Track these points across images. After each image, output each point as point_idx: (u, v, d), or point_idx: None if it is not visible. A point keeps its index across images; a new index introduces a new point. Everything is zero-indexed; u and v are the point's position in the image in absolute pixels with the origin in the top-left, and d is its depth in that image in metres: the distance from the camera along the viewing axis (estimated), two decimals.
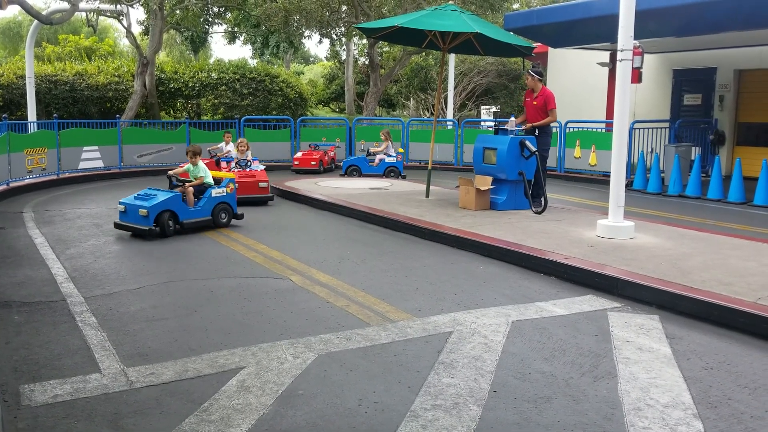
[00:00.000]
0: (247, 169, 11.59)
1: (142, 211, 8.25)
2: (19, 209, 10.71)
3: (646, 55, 10.03)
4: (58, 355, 4.39)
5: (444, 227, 8.42)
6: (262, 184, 11.28)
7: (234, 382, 3.95)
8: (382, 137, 15.50)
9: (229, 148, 14.09)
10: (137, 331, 4.87)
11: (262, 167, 11.83)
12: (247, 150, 12.39)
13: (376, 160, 15.22)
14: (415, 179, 14.41)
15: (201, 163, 9.14)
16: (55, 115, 15.90)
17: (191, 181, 8.96)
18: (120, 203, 8.63)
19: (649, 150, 15.00)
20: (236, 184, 9.71)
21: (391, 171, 15.24)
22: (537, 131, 10.03)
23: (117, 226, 8.65)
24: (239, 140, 12.62)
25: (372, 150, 15.58)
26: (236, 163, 11.78)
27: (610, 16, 10.11)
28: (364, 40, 26.42)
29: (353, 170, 15.33)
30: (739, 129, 16.19)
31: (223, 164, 13.00)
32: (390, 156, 15.34)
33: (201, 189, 9.00)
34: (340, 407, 3.67)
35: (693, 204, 11.87)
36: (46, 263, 6.98)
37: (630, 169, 13.81)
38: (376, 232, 8.99)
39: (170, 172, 9.28)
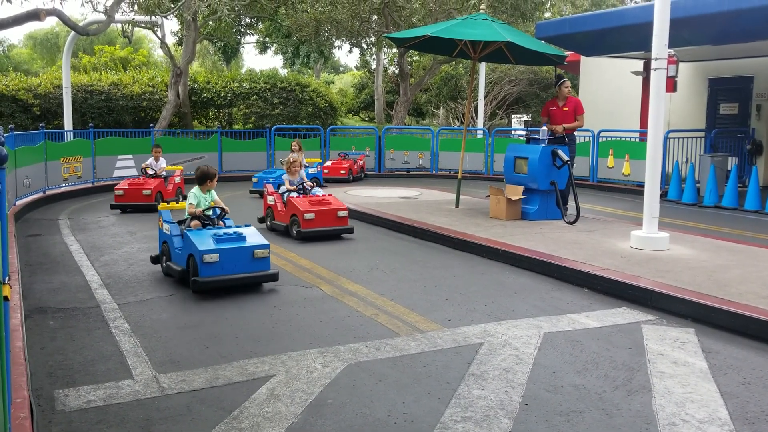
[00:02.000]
0: (313, 195, 9.25)
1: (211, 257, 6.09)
2: (55, 216, 10.92)
3: (681, 64, 9.91)
4: (91, 361, 4.45)
5: (474, 237, 8.37)
6: (341, 213, 8.90)
7: (264, 390, 3.96)
8: (295, 148, 13.60)
9: (161, 164, 12.26)
10: (169, 338, 4.91)
11: (321, 191, 9.60)
12: (301, 168, 9.87)
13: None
14: (444, 188, 14.37)
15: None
16: (90, 124, 16.22)
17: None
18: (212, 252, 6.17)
19: (684, 160, 14.74)
20: (305, 215, 8.56)
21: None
22: (566, 139, 9.97)
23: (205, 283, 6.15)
24: (290, 158, 9.77)
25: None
26: (296, 188, 9.29)
27: (644, 24, 10.00)
28: (394, 50, 26.50)
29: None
30: None
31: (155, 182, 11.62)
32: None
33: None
34: (370, 417, 3.65)
35: (729, 215, 11.63)
36: (81, 270, 7.10)
37: (664, 179, 13.59)
38: (406, 241, 8.97)
39: (198, 211, 6.70)
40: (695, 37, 12.63)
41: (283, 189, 9.38)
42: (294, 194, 9.14)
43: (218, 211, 6.77)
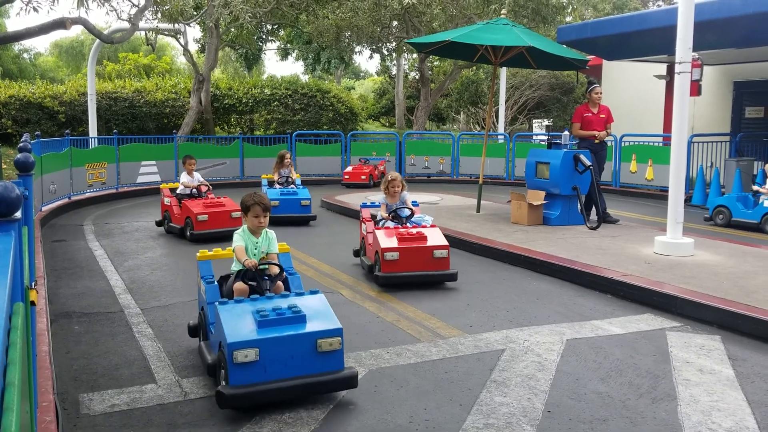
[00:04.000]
0: (410, 225, 7.01)
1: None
2: (79, 222, 11.06)
3: (705, 67, 9.80)
4: (115, 365, 4.50)
5: (495, 242, 8.33)
6: (439, 253, 6.59)
7: None
8: (288, 161, 11.49)
9: (195, 178, 10.08)
10: (191, 343, 4.94)
11: (430, 219, 7.31)
12: (402, 189, 7.31)
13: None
14: (465, 194, 14.33)
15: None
16: (114, 131, 16.42)
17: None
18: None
19: (709, 164, 14.55)
20: (385, 254, 6.49)
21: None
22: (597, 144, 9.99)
23: None
24: (389, 176, 7.30)
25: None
26: (389, 216, 7.11)
27: (668, 28, 9.90)
28: (415, 55, 26.51)
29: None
30: None
31: (190, 201, 9.41)
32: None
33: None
34: (391, 423, 3.64)
35: None
36: (105, 275, 7.18)
37: (689, 184, 13.42)
38: None
39: (250, 263, 4.37)
40: (720, 41, 12.47)
41: (378, 214, 7.28)
42: (390, 223, 7.02)
43: (267, 267, 4.49)
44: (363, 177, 16.12)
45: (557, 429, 3.58)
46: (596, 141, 10.08)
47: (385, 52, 26.38)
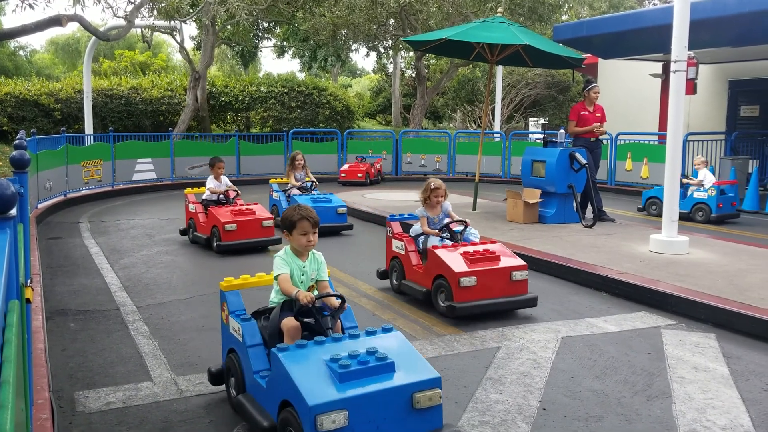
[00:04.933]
0: (468, 241, 6.11)
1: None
2: (75, 219, 11.04)
3: (700, 66, 9.82)
4: (111, 363, 4.50)
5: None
6: (518, 275, 5.66)
7: None
8: (300, 162, 10.49)
9: (223, 183, 9.07)
10: (187, 341, 4.94)
11: (477, 232, 6.43)
12: (444, 199, 6.29)
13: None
14: (461, 192, 14.34)
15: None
16: (110, 128, 16.40)
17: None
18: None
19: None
20: (460, 279, 5.38)
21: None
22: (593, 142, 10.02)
23: None
24: (430, 183, 6.23)
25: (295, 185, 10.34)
26: (438, 233, 6.10)
27: (663, 27, 9.92)
28: (411, 53, 26.52)
29: None
30: None
31: (217, 208, 8.49)
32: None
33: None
34: None
35: (750, 218, 11.48)
36: (101, 272, 7.17)
37: None
38: None
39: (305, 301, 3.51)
40: (715, 39, 12.51)
41: (416, 228, 6.33)
42: (436, 240, 6.04)
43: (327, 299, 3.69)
44: (359, 175, 16.11)
45: (552, 426, 3.59)
46: (593, 138, 10.08)
47: (382, 50, 26.38)
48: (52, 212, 11.56)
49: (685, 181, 11.00)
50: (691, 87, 7.81)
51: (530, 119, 26.89)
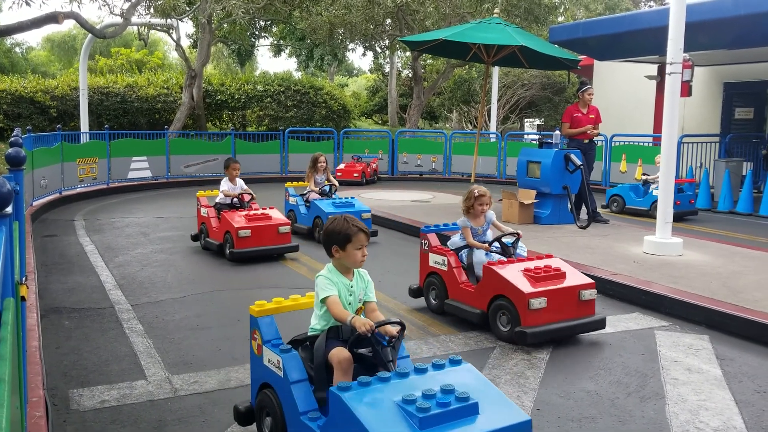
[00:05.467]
0: (518, 256, 5.48)
1: None
2: (70, 217, 11.02)
3: (695, 68, 9.86)
4: (106, 361, 4.49)
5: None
6: (587, 294, 5.04)
7: None
8: (323, 164, 9.61)
9: (238, 186, 8.42)
10: (182, 339, 4.94)
11: (524, 247, 5.83)
12: (488, 207, 5.71)
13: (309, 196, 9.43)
14: (457, 192, 14.35)
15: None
16: (106, 126, 16.35)
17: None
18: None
19: (698, 165, 14.65)
20: (530, 301, 4.76)
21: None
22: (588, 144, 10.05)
23: None
24: (476, 191, 5.61)
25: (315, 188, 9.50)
26: (488, 246, 5.53)
27: (659, 29, 9.95)
28: (408, 53, 26.52)
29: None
30: None
31: (231, 213, 7.87)
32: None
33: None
34: None
35: (744, 221, 11.53)
36: (96, 270, 7.16)
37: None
38: (419, 244, 8.95)
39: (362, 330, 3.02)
40: (711, 42, 12.55)
41: (456, 241, 5.73)
42: (482, 255, 5.47)
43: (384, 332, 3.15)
44: (355, 174, 16.12)
45: (546, 427, 3.61)
46: (586, 140, 10.11)
47: (379, 50, 26.38)
48: (48, 210, 11.54)
49: (645, 178, 11.66)
50: (686, 89, 7.85)
51: (526, 120, 26.94)
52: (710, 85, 16.94)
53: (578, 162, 9.37)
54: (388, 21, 21.38)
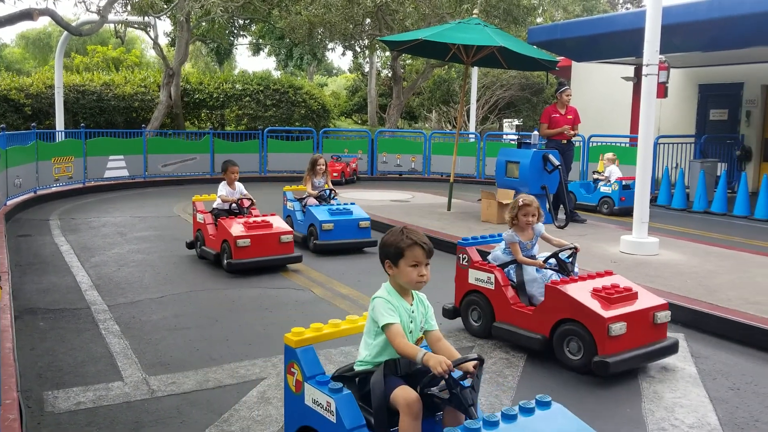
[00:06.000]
0: (574, 274, 4.89)
1: None
2: (45, 217, 10.87)
3: (671, 70, 9.99)
4: (81, 363, 4.44)
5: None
6: (661, 316, 4.56)
7: (254, 393, 3.96)
8: (322, 167, 8.99)
9: (237, 191, 7.84)
10: (159, 340, 4.90)
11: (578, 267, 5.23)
12: (539, 219, 5.19)
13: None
14: (436, 192, 14.40)
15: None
16: (82, 124, 16.16)
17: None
18: None
19: (674, 165, 14.84)
20: (610, 326, 4.22)
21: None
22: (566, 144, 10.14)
23: None
24: (522, 200, 5.12)
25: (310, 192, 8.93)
26: (542, 263, 4.93)
27: (635, 30, 10.07)
28: (387, 53, 26.54)
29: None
30: (765, 145, 15.95)
31: (228, 219, 7.31)
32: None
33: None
34: None
35: (719, 220, 11.70)
36: (71, 271, 7.06)
37: (654, 184, 13.65)
38: None
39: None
40: (686, 44, 12.71)
41: (499, 255, 5.14)
42: (533, 272, 4.92)
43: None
44: (335, 174, 16.07)
45: None
46: (564, 140, 10.21)
47: (358, 50, 26.35)
48: (22, 209, 11.37)
49: (595, 176, 12.38)
50: (662, 90, 7.94)
51: (504, 120, 27.08)
52: (686, 86, 17.17)
53: (556, 162, 9.44)
54: (368, 21, 21.36)
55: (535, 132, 10.12)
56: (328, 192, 8.91)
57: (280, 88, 21.96)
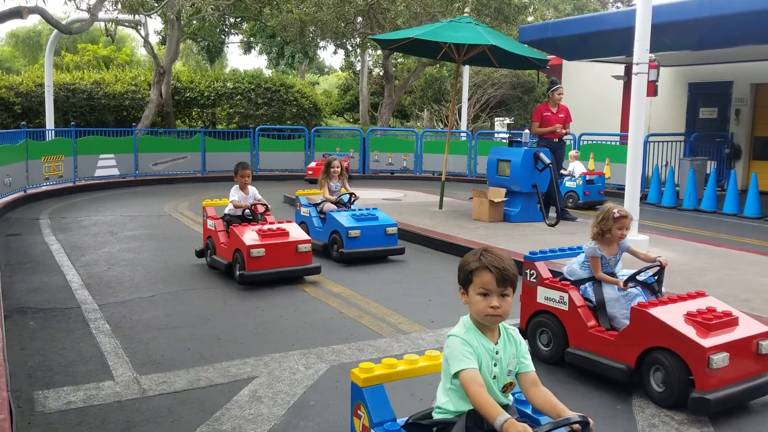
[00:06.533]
0: (662, 295, 4.43)
1: None
2: (35, 216, 10.81)
3: (661, 69, 10.06)
4: (72, 362, 4.42)
5: (457, 239, 8.41)
6: (766, 346, 3.95)
7: (246, 392, 3.96)
8: (337, 170, 8.48)
9: (251, 195, 7.32)
10: (150, 339, 4.89)
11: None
12: (626, 232, 4.58)
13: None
14: (428, 190, 14.41)
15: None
16: (72, 123, 16.07)
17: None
18: None
19: (664, 163, 14.91)
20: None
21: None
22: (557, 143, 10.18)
23: None
24: (616, 212, 4.44)
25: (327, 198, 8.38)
26: (627, 284, 4.37)
27: (626, 29, 10.11)
28: (379, 51, 26.52)
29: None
30: (755, 143, 16.07)
31: (241, 227, 6.77)
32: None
33: None
34: None
35: (708, 218, 11.77)
36: (62, 270, 7.04)
37: (644, 182, 13.73)
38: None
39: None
40: (676, 42, 12.79)
41: (576, 270, 4.62)
42: (611, 290, 4.39)
43: None
44: None
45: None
46: (556, 139, 10.24)
47: (350, 48, 26.31)
48: (12, 208, 11.30)
49: (563, 172, 12.67)
50: (652, 89, 7.98)
51: (496, 119, 27.14)
52: (675, 85, 17.26)
53: (547, 160, 9.47)
54: (359, 19, 21.34)
55: (526, 130, 10.16)
56: (347, 197, 8.28)
57: (272, 86, 21.92)
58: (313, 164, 16.51)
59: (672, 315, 3.92)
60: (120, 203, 12.44)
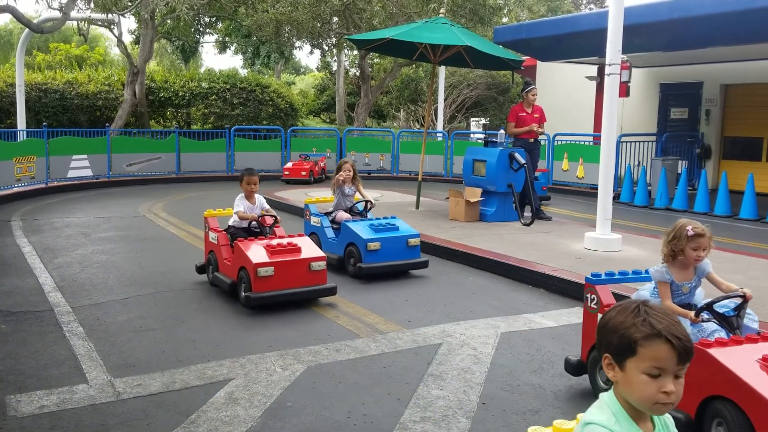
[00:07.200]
0: (741, 332, 3.69)
1: None
2: (6, 218, 10.64)
3: (633, 70, 10.19)
4: (45, 366, 4.37)
5: (433, 238, 8.45)
6: None
7: (222, 394, 3.95)
8: (349, 174, 7.71)
9: (257, 205, 6.59)
10: (124, 342, 4.84)
11: (755, 316, 3.96)
12: (705, 254, 3.89)
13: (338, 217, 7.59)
14: (405, 190, 14.44)
15: None
16: (44, 123, 15.84)
17: None
18: None
19: (636, 163, 15.12)
20: None
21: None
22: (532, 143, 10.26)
23: None
24: (692, 228, 3.78)
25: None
26: (703, 315, 3.72)
27: (598, 31, 10.24)
28: (355, 52, 26.51)
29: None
30: (725, 143, 16.35)
31: (247, 241, 6.00)
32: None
33: None
34: (329, 420, 3.67)
35: (680, 217, 11.92)
36: (34, 272, 6.94)
37: (617, 181, 13.90)
38: None
39: None
40: (647, 44, 12.97)
41: (645, 296, 4.08)
42: (688, 325, 3.68)
43: None
44: (303, 173, 16.06)
45: (491, 420, 3.68)
46: (531, 139, 10.34)
47: (326, 48, 26.26)
48: None
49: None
50: (625, 90, 8.08)
51: (472, 119, 27.26)
52: (647, 86, 17.50)
53: (522, 160, 9.56)
54: (335, 19, 21.31)
55: (502, 131, 10.24)
56: (362, 205, 7.59)
57: (247, 86, 21.80)
58: (289, 164, 16.46)
59: (741, 358, 3.21)
60: (93, 204, 12.29)
